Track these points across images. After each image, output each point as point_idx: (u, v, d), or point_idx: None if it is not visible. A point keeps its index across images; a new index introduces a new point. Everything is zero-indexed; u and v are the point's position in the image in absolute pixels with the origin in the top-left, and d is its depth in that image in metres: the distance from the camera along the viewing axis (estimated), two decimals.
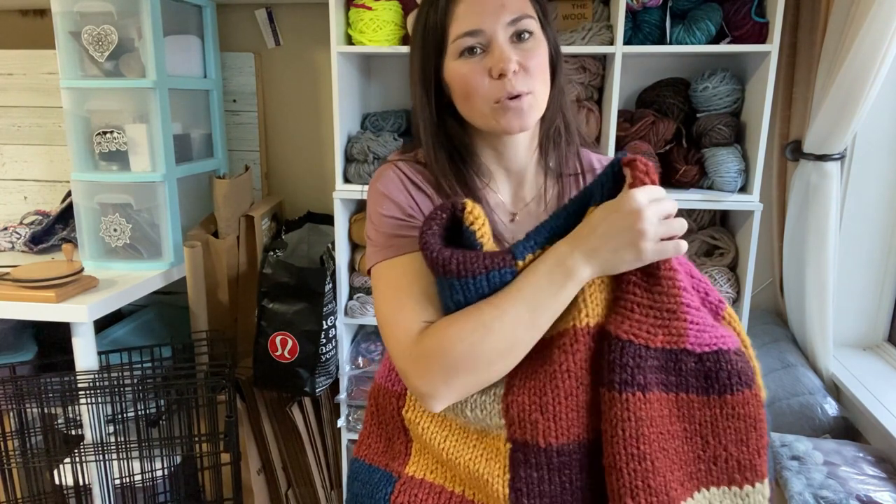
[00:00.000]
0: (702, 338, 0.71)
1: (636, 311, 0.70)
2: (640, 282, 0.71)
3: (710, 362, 0.72)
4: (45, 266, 1.57)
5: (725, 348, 0.72)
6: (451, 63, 0.84)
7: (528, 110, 0.82)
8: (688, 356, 0.71)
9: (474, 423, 0.78)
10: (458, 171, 0.89)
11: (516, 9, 0.81)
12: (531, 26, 0.82)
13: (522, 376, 0.74)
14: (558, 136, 0.91)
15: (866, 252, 1.74)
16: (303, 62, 2.06)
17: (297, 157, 2.14)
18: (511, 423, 0.74)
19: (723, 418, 0.72)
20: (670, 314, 0.71)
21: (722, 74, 1.72)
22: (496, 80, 0.81)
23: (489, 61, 0.81)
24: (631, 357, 0.69)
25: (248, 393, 1.99)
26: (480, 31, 0.80)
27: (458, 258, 0.72)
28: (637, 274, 0.71)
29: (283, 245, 1.93)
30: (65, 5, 1.63)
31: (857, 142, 1.66)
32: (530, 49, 0.82)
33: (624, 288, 0.72)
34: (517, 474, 0.74)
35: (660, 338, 0.71)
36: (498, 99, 0.81)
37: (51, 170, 2.12)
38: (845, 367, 1.67)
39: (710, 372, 0.72)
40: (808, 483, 1.31)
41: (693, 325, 0.71)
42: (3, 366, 1.67)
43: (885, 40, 1.32)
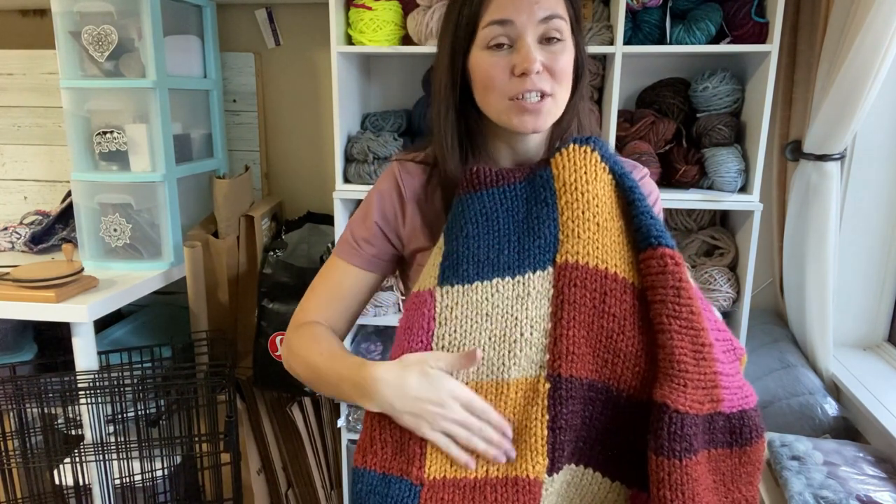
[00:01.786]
0: (732, 401, 0.79)
1: (689, 385, 0.75)
2: (690, 359, 0.76)
3: (736, 420, 0.80)
4: (45, 266, 1.57)
5: (748, 407, 0.81)
6: (477, 52, 0.84)
7: (545, 113, 0.83)
8: (719, 416, 0.79)
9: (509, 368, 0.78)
10: (463, 152, 0.91)
11: (550, 7, 0.81)
12: (561, 28, 0.82)
13: (571, 310, 0.78)
14: (570, 133, 0.92)
15: (866, 252, 1.74)
16: (303, 62, 2.06)
17: (297, 157, 2.14)
18: (557, 357, 0.77)
19: (740, 465, 0.81)
20: (711, 384, 0.77)
21: (722, 74, 1.72)
22: (517, 77, 0.81)
23: (514, 58, 0.81)
24: (690, 427, 0.75)
25: (248, 393, 1.99)
26: (510, 22, 0.80)
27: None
28: (687, 350, 0.76)
29: (283, 245, 1.93)
30: (65, 5, 1.63)
31: (857, 142, 1.66)
32: (557, 52, 0.82)
33: (675, 366, 0.75)
34: (558, 412, 0.77)
35: (706, 406, 0.77)
36: (515, 96, 0.82)
37: (51, 170, 2.12)
38: (845, 367, 1.67)
39: (734, 428, 0.80)
40: (808, 483, 1.31)
41: (726, 391, 0.78)
42: (3, 366, 1.67)
43: (885, 40, 1.32)
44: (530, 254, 0.80)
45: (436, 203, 0.93)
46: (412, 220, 0.94)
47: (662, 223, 0.81)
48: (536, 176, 0.84)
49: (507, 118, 0.84)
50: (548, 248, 0.80)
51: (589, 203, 0.80)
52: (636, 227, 0.80)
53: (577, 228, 0.79)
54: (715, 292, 1.74)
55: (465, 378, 0.79)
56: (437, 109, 0.90)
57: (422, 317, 0.82)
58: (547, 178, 0.83)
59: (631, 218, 0.81)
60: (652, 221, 0.79)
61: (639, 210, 0.80)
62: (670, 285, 0.76)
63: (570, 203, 0.80)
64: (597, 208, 0.80)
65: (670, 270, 0.77)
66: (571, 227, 0.80)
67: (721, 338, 0.81)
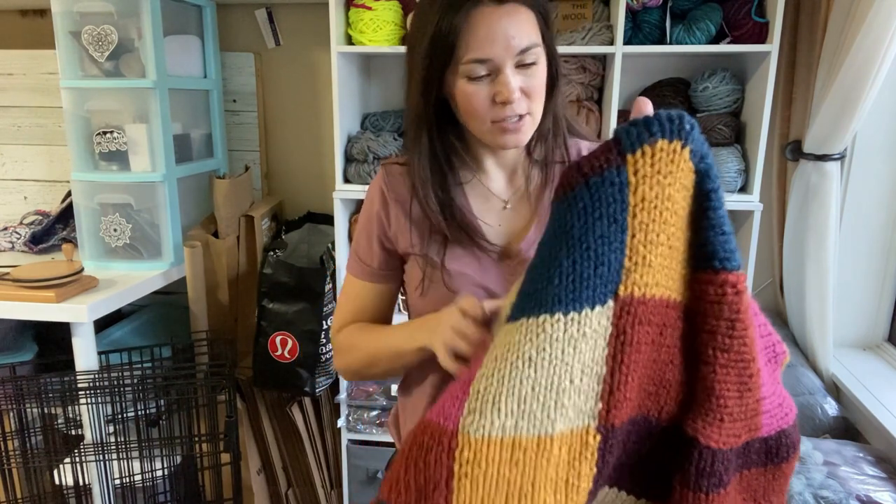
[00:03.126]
0: (771, 424, 0.73)
1: (726, 420, 0.68)
2: (733, 394, 0.68)
3: (773, 441, 0.74)
4: (45, 266, 1.57)
5: (787, 426, 0.75)
6: (457, 80, 0.87)
7: (525, 130, 0.89)
8: (756, 441, 0.73)
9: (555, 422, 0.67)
10: (441, 175, 0.94)
11: (525, 38, 0.84)
12: (536, 54, 0.86)
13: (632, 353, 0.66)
14: (546, 132, 0.97)
15: (866, 252, 1.74)
16: (303, 62, 2.06)
17: (297, 157, 2.14)
18: (613, 407, 0.67)
19: (774, 480, 0.77)
20: (752, 413, 0.70)
21: (722, 74, 1.72)
22: (499, 104, 0.86)
23: (494, 87, 0.85)
24: (721, 463, 0.69)
25: (248, 393, 1.99)
26: (490, 60, 0.84)
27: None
28: (731, 385, 0.68)
29: (283, 245, 1.93)
30: (65, 5, 1.63)
31: (857, 142, 1.66)
32: (533, 74, 0.86)
33: (714, 401, 0.68)
34: (605, 462, 0.69)
35: (743, 437, 0.71)
36: (497, 120, 0.87)
37: (51, 170, 2.12)
38: (845, 367, 1.67)
39: (771, 449, 0.75)
40: (808, 483, 1.31)
41: (767, 415, 0.72)
42: (3, 366, 1.67)
43: (885, 40, 1.32)
44: (589, 284, 0.65)
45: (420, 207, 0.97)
46: (397, 222, 0.98)
47: (732, 239, 0.67)
48: (604, 180, 0.65)
49: (490, 138, 0.90)
50: (612, 277, 0.65)
51: (667, 222, 0.65)
52: (701, 242, 0.67)
53: (650, 255, 0.65)
54: None
55: (501, 433, 0.67)
56: (409, 131, 0.95)
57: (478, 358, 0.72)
58: (620, 187, 0.65)
59: (698, 229, 0.67)
60: (722, 238, 0.66)
61: (711, 222, 0.66)
62: (725, 317, 0.66)
63: (644, 224, 0.65)
64: (673, 227, 0.66)
65: (728, 301, 0.66)
66: (642, 252, 0.65)
67: (765, 346, 0.74)
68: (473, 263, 0.96)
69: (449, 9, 0.84)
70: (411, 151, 0.94)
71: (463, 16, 0.83)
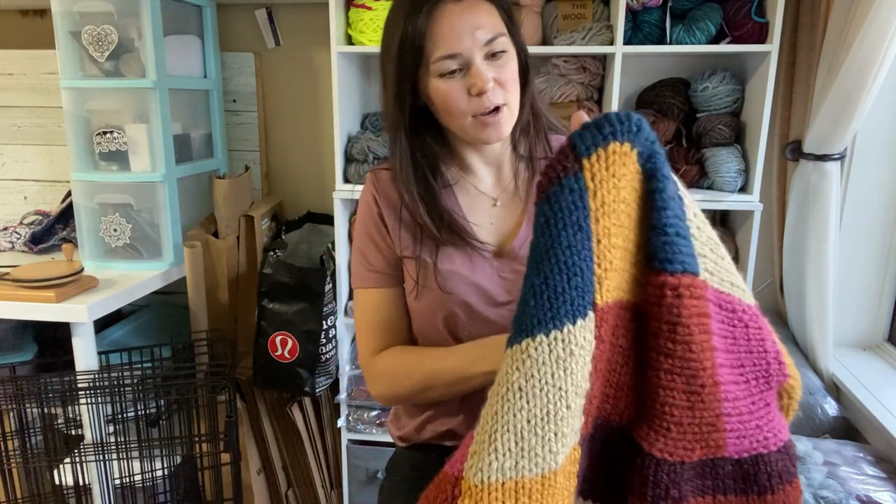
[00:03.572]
0: (741, 444, 0.68)
1: (673, 430, 0.65)
2: (680, 402, 0.65)
3: (749, 465, 0.69)
4: (45, 266, 1.57)
5: (766, 451, 0.69)
6: (431, 81, 0.89)
7: (504, 122, 0.90)
8: (724, 461, 0.68)
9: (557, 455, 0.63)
10: (425, 181, 0.95)
11: (490, 29, 0.87)
12: (504, 43, 0.88)
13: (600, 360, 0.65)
14: (528, 126, 0.99)
15: (866, 252, 1.74)
16: (303, 62, 2.06)
17: (297, 157, 2.14)
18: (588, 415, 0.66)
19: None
20: (709, 427, 0.66)
21: (722, 74, 1.72)
22: (475, 96, 0.87)
23: (468, 80, 0.87)
24: (665, 474, 0.66)
25: (248, 393, 1.99)
26: (458, 54, 0.86)
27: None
28: (676, 392, 0.64)
29: (283, 245, 1.93)
30: (65, 5, 1.63)
31: (857, 142, 1.66)
32: (504, 64, 0.89)
33: (659, 408, 0.65)
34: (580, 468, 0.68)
35: (697, 452, 0.67)
36: (476, 113, 0.88)
37: (51, 170, 2.12)
38: (845, 367, 1.67)
39: (747, 474, 0.69)
40: (808, 483, 1.31)
41: (732, 434, 0.67)
42: (3, 366, 1.67)
43: (885, 40, 1.32)
44: (566, 298, 0.62)
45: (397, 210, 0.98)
46: (391, 225, 0.99)
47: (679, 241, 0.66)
48: (563, 188, 0.64)
49: (472, 134, 0.91)
50: (587, 287, 0.63)
51: (623, 225, 0.65)
52: (646, 242, 0.66)
53: (615, 259, 0.64)
54: None
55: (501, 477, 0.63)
56: (389, 139, 0.97)
57: None
58: (580, 193, 0.63)
59: (648, 229, 0.66)
60: (664, 240, 0.65)
61: (653, 223, 0.65)
62: (665, 320, 0.64)
63: (607, 228, 0.64)
64: (626, 229, 0.65)
65: (667, 304, 0.64)
66: (609, 257, 0.64)
67: (750, 364, 0.69)
68: (466, 263, 0.96)
69: (412, 13, 0.86)
70: (393, 158, 0.96)
71: (425, 17, 0.85)
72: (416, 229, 0.97)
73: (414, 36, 0.86)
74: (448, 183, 0.99)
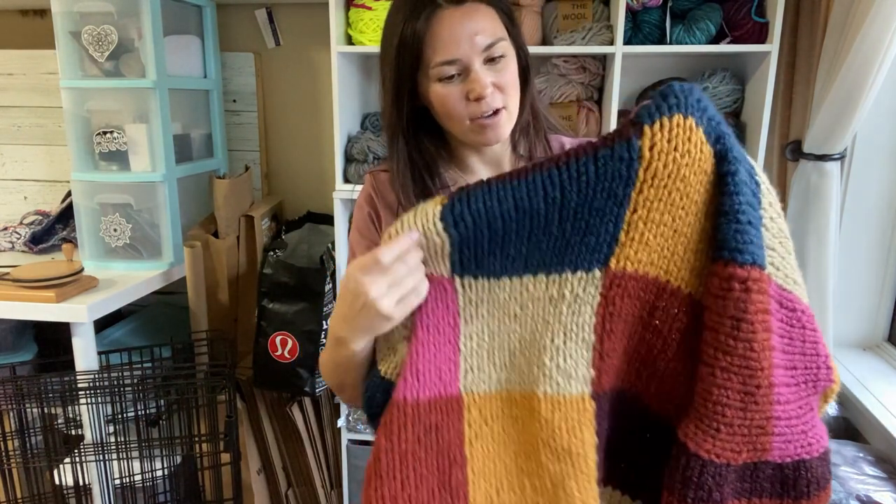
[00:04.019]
0: (786, 449, 0.67)
1: (722, 430, 0.64)
2: (734, 402, 0.63)
3: (790, 470, 0.68)
4: (45, 266, 1.57)
5: (808, 457, 0.68)
6: (430, 84, 0.89)
7: (503, 125, 0.89)
8: (766, 465, 0.68)
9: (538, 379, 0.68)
10: (422, 182, 0.94)
11: (489, 34, 0.86)
12: (503, 48, 0.87)
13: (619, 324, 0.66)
14: (527, 126, 0.98)
15: (866, 252, 1.74)
16: (303, 62, 2.06)
17: (297, 157, 2.14)
18: (604, 374, 0.67)
19: None
20: (759, 430, 0.65)
21: (722, 74, 1.72)
22: (473, 101, 0.86)
23: (467, 86, 0.86)
24: (711, 476, 0.65)
25: (248, 393, 1.99)
26: (457, 60, 0.85)
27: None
28: (732, 392, 0.63)
29: (283, 245, 1.92)
30: (65, 5, 1.62)
31: (857, 142, 1.66)
32: (503, 68, 0.88)
33: (711, 406, 0.64)
34: (601, 429, 0.69)
35: (743, 455, 0.66)
36: (475, 117, 0.88)
37: (51, 170, 2.12)
38: (845, 367, 1.67)
39: (787, 479, 0.68)
40: None
41: (779, 438, 0.66)
42: (3, 366, 1.67)
43: (885, 40, 1.32)
44: (572, 251, 0.66)
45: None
46: (385, 221, 0.98)
47: (752, 231, 0.63)
48: (614, 153, 0.63)
49: (471, 137, 0.90)
50: (599, 247, 0.65)
51: (674, 204, 0.63)
52: (715, 230, 0.64)
53: (648, 233, 0.64)
54: None
55: (498, 387, 0.69)
56: (386, 141, 0.96)
57: (446, 310, 0.70)
58: (629, 162, 0.62)
59: (717, 216, 0.64)
60: (735, 227, 0.62)
61: (724, 208, 0.63)
62: (729, 314, 0.62)
63: (649, 201, 0.63)
64: (681, 210, 0.64)
65: (734, 297, 0.62)
66: (641, 229, 0.64)
67: (805, 366, 0.69)
68: None
69: (410, 16, 0.85)
70: (391, 159, 0.95)
71: (424, 21, 0.85)
72: None
73: (412, 40, 0.86)
74: (445, 185, 0.98)
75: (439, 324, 0.70)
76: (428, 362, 0.69)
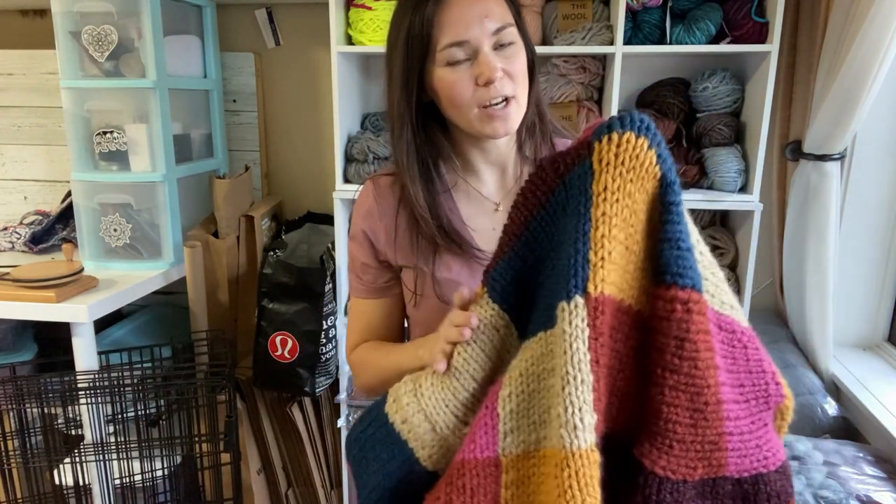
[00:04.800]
0: (742, 464, 0.68)
1: (676, 447, 0.65)
2: (683, 419, 0.65)
3: (748, 485, 0.69)
4: (45, 266, 1.57)
5: (765, 471, 0.70)
6: (437, 70, 0.87)
7: (513, 115, 0.88)
8: (725, 481, 0.69)
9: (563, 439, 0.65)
10: (428, 178, 0.93)
11: (499, 18, 0.85)
12: (512, 34, 0.87)
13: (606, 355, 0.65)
14: (533, 127, 0.97)
15: (866, 252, 1.74)
16: (303, 62, 2.06)
17: (297, 157, 2.14)
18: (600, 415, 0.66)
19: None
20: (712, 446, 0.66)
21: (722, 74, 1.72)
22: (482, 86, 0.85)
23: (476, 69, 0.85)
24: (668, 493, 0.66)
25: (248, 393, 1.99)
26: (466, 42, 0.85)
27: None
28: (680, 409, 0.65)
29: (283, 245, 1.93)
30: (65, 5, 1.62)
31: (857, 142, 1.66)
32: (512, 56, 0.87)
33: (662, 425, 0.65)
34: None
35: (699, 471, 0.67)
36: (483, 104, 0.86)
37: (51, 170, 2.12)
38: (845, 367, 1.67)
39: (747, 494, 0.69)
40: (808, 483, 1.31)
41: (734, 453, 0.67)
42: (3, 366, 1.67)
43: (885, 40, 1.32)
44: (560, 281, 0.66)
45: (408, 217, 0.96)
46: (388, 236, 0.97)
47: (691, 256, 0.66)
48: (573, 175, 0.67)
49: (478, 127, 0.88)
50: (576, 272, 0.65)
51: (626, 220, 0.65)
52: (657, 255, 0.66)
53: (613, 251, 0.64)
54: None
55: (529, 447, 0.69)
56: (392, 130, 0.94)
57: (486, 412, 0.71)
58: (584, 177, 0.65)
59: (657, 240, 0.67)
60: (675, 253, 0.65)
61: (667, 235, 0.66)
62: (673, 335, 0.64)
63: (606, 216, 0.64)
64: (632, 228, 0.66)
65: (677, 318, 0.64)
66: (607, 247, 0.64)
67: (753, 383, 0.70)
68: (464, 271, 0.94)
69: (419, 3, 0.85)
70: (397, 153, 0.94)
71: (433, 5, 0.84)
72: (414, 238, 0.95)
73: (422, 25, 0.85)
74: (447, 187, 0.97)
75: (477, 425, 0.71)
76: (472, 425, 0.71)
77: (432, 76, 0.88)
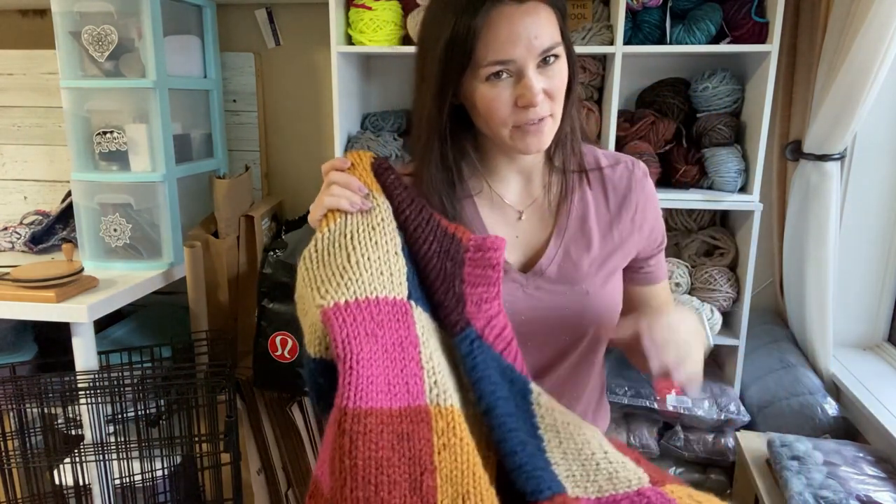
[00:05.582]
0: None
1: None
2: None
3: None
4: (45, 266, 1.57)
5: None
6: (476, 84, 0.83)
7: (547, 133, 0.84)
8: None
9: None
10: (450, 186, 0.89)
11: (548, 38, 0.80)
12: (558, 53, 0.82)
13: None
14: (566, 138, 0.92)
15: (866, 252, 1.75)
16: (303, 62, 2.06)
17: (297, 157, 2.14)
18: None
19: None
20: None
21: (722, 74, 1.72)
22: (521, 108, 0.81)
23: (518, 90, 0.81)
24: None
25: (248, 393, 1.99)
26: (512, 61, 0.80)
27: None
28: None
29: (283, 245, 1.92)
30: (65, 5, 1.62)
31: (857, 142, 1.67)
32: (555, 74, 0.82)
33: None
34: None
35: None
36: (519, 125, 0.83)
37: (51, 170, 2.12)
38: (845, 367, 1.67)
39: None
40: (808, 483, 1.31)
41: None
42: (3, 366, 1.67)
43: (885, 40, 1.32)
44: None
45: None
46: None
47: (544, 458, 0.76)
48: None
49: (511, 143, 0.85)
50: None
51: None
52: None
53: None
54: (715, 292, 1.74)
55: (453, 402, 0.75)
56: (420, 138, 0.89)
57: (408, 329, 0.77)
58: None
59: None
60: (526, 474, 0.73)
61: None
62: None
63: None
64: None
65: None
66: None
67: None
68: None
69: (466, 10, 0.79)
70: (421, 160, 0.89)
71: (482, 17, 0.78)
72: None
73: (466, 36, 0.79)
74: (469, 193, 0.93)
75: (403, 341, 0.76)
76: (398, 375, 0.73)
77: (470, 87, 0.84)
